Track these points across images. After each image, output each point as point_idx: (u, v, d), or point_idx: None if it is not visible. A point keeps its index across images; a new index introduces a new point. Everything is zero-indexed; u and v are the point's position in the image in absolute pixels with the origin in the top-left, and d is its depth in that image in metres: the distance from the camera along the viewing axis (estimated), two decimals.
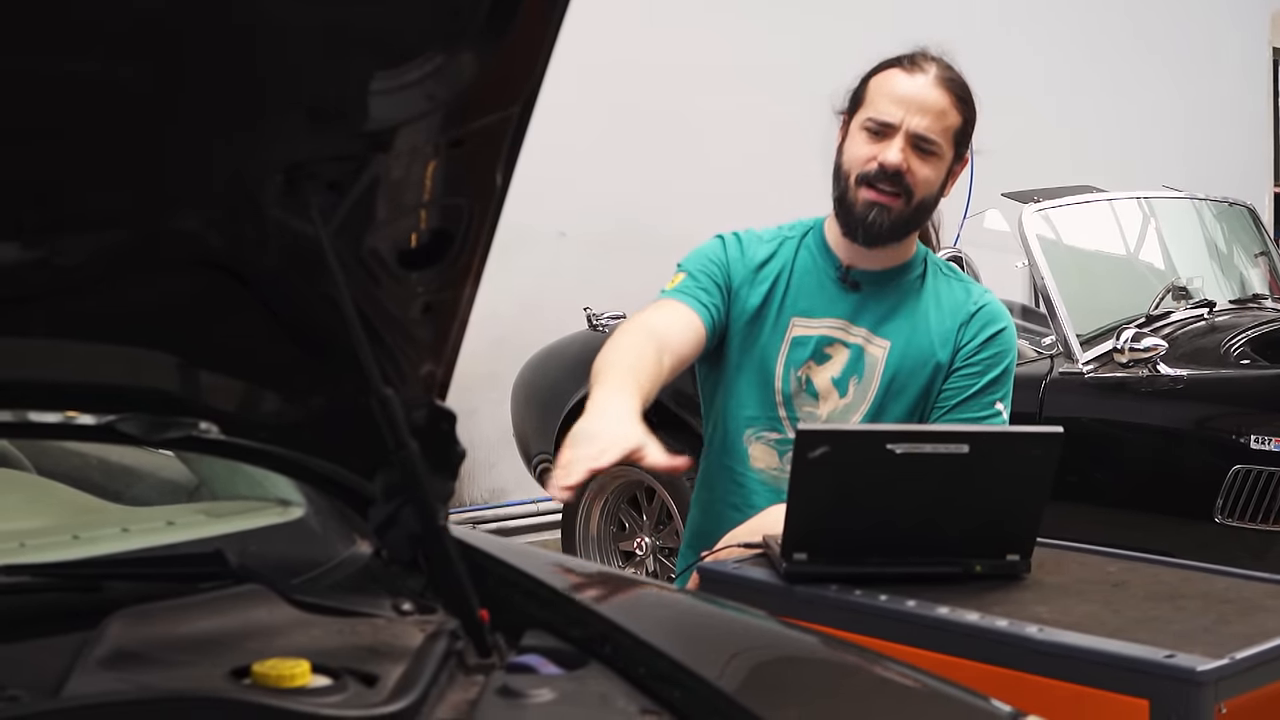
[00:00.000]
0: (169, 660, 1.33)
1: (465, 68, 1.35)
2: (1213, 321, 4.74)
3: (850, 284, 2.58)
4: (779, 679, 1.50)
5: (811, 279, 2.59)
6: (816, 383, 2.56)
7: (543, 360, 5.52)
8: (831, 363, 2.56)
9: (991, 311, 2.61)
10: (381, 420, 1.47)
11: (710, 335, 2.53)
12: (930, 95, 2.48)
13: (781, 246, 2.62)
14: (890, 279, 2.60)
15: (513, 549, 1.73)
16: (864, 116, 2.51)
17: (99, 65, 1.22)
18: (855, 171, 2.50)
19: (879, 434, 2.06)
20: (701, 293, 2.53)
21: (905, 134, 2.47)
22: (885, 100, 2.49)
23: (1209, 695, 1.67)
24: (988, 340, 2.57)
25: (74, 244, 1.36)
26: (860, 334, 2.57)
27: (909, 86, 2.49)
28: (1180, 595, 1.99)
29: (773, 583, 2.05)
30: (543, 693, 1.33)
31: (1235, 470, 4.04)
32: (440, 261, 1.49)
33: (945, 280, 2.64)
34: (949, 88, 2.50)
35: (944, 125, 2.49)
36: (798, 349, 2.56)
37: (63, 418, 1.57)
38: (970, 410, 2.54)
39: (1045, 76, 8.75)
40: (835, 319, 2.57)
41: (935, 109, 2.48)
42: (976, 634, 1.85)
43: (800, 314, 2.57)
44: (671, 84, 6.85)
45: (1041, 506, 2.04)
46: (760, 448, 2.58)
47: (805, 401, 2.56)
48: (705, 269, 2.57)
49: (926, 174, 2.50)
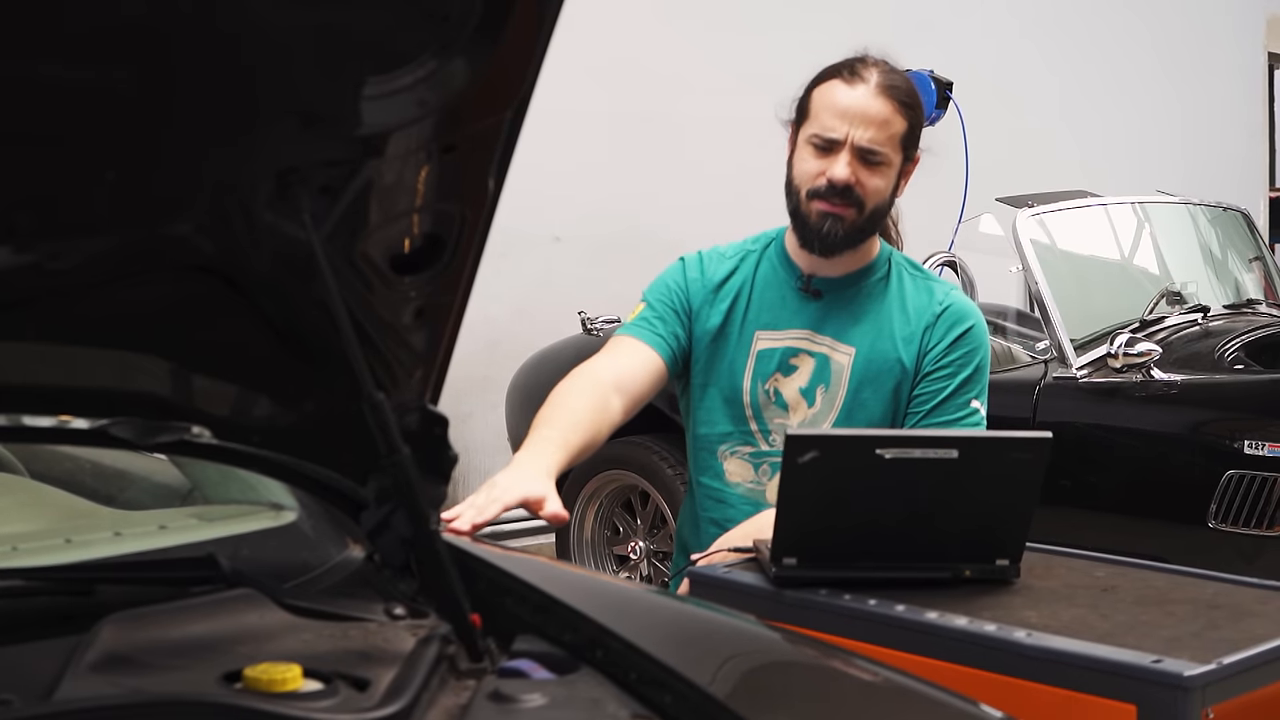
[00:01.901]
0: (161, 664, 1.34)
1: (457, 73, 1.35)
2: (1207, 327, 4.74)
3: (812, 293, 2.58)
4: (770, 684, 1.51)
5: (773, 291, 2.60)
6: (785, 394, 2.57)
7: (537, 365, 5.52)
8: (798, 373, 2.57)
9: (957, 311, 2.59)
10: (373, 425, 1.47)
11: (672, 365, 2.56)
12: (872, 106, 2.47)
13: (743, 261, 2.63)
14: (853, 283, 2.59)
15: (505, 554, 1.73)
16: (809, 131, 2.51)
17: (91, 71, 1.22)
18: (805, 187, 2.51)
19: (868, 439, 2.06)
20: (659, 323, 2.56)
21: (851, 147, 2.47)
22: (828, 114, 2.49)
23: (1196, 700, 1.68)
24: (956, 340, 2.56)
25: (66, 248, 1.36)
26: (825, 342, 2.57)
27: (850, 99, 2.48)
28: (1169, 600, 1.99)
29: (762, 587, 2.06)
30: (534, 697, 1.33)
31: (1229, 475, 4.05)
32: (432, 266, 1.49)
33: (911, 280, 2.62)
34: (891, 95, 2.49)
35: (889, 134, 2.49)
36: (763, 362, 2.57)
37: (56, 422, 1.57)
38: (946, 413, 2.54)
39: (1040, 81, 8.75)
40: (799, 329, 2.58)
41: (878, 119, 2.47)
42: (965, 639, 1.85)
43: (763, 327, 2.58)
44: (667, 90, 6.85)
45: (1031, 511, 2.04)
46: (736, 462, 2.59)
47: (775, 413, 2.56)
48: (664, 297, 2.60)
49: (876, 184, 2.50)
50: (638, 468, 5.13)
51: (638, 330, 2.56)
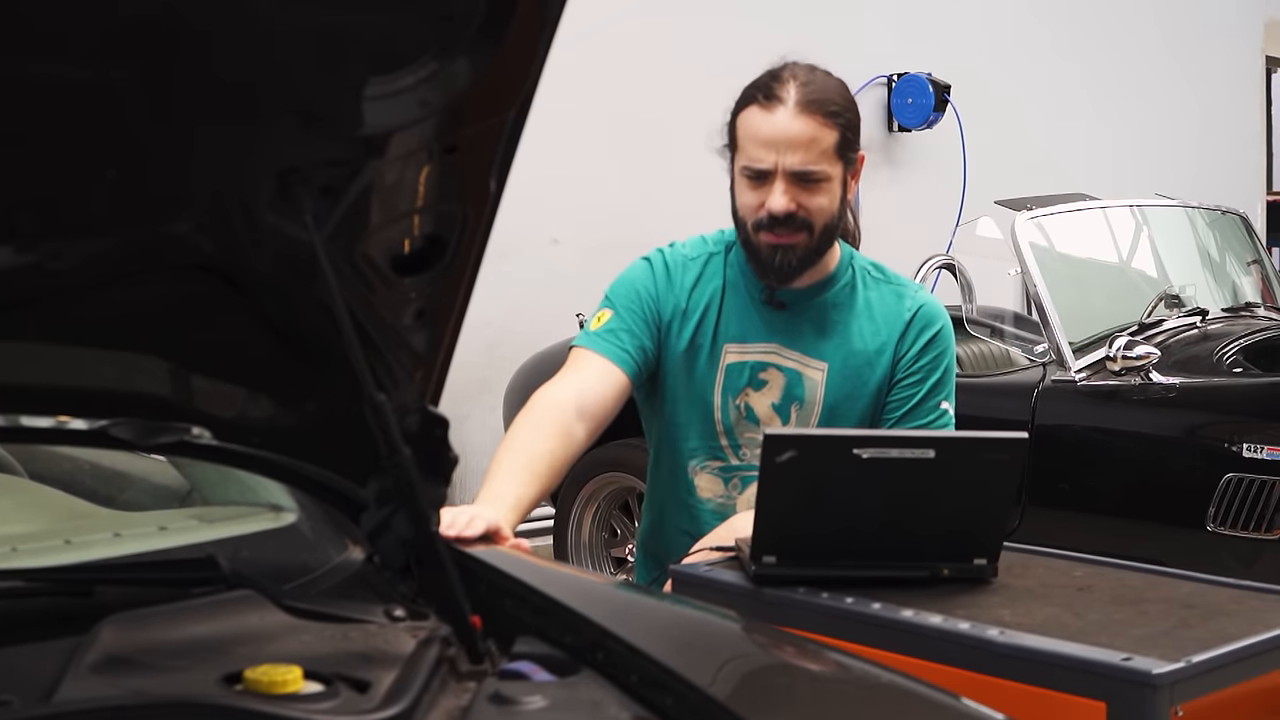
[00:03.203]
0: (161, 666, 1.33)
1: (459, 74, 1.35)
2: (1205, 330, 4.74)
3: (776, 304, 2.53)
4: (771, 686, 1.50)
5: (739, 303, 2.54)
6: (757, 409, 2.53)
7: (536, 366, 5.52)
8: (769, 388, 2.53)
9: (927, 314, 2.55)
10: (374, 426, 1.47)
11: (636, 379, 2.49)
12: (794, 128, 2.38)
13: (708, 265, 2.56)
14: (817, 294, 2.54)
15: (505, 555, 1.73)
16: (740, 163, 2.44)
17: (92, 69, 1.22)
18: (749, 220, 2.44)
19: (845, 439, 2.07)
20: (625, 335, 2.48)
21: (783, 175, 2.39)
22: (752, 145, 2.41)
23: (1164, 698, 1.69)
24: (926, 345, 2.53)
25: (67, 248, 1.36)
26: (794, 357, 2.52)
27: (772, 126, 2.39)
28: (1144, 599, 2.01)
29: (742, 585, 2.07)
30: (535, 699, 1.33)
31: (1227, 478, 4.05)
32: (433, 267, 1.49)
33: (876, 285, 2.57)
34: (813, 111, 2.38)
35: (819, 150, 2.39)
36: (733, 377, 2.52)
37: (55, 422, 1.57)
38: (918, 418, 2.52)
39: (1039, 85, 8.76)
40: (766, 343, 2.53)
41: (804, 140, 2.38)
42: (938, 636, 1.87)
43: (732, 340, 2.53)
44: (666, 91, 6.85)
45: (1007, 510, 2.06)
46: (706, 477, 2.56)
47: (747, 428, 2.53)
48: (632, 305, 2.51)
49: (820, 203, 2.42)
50: (635, 470, 5.13)
51: (601, 344, 2.47)
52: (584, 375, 2.44)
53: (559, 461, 2.31)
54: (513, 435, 2.34)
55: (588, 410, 2.39)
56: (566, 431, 2.34)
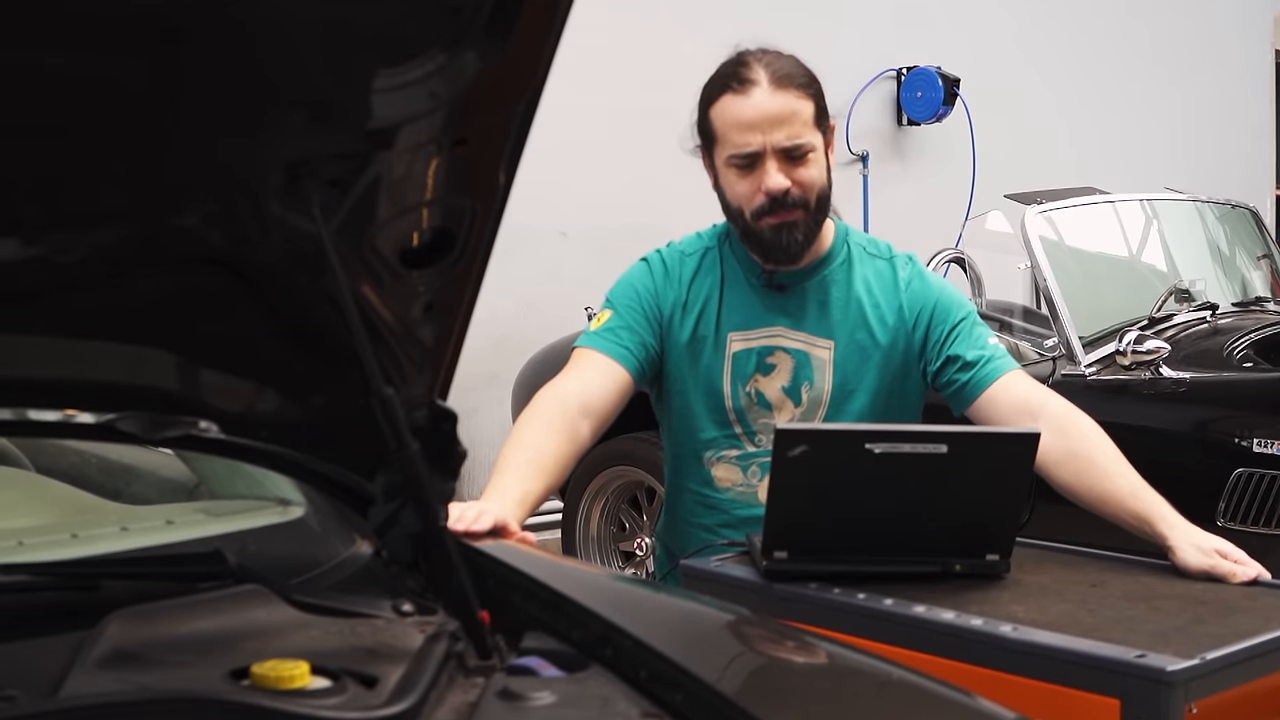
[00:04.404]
0: (167, 661, 1.33)
1: (468, 66, 1.34)
2: (1215, 324, 4.73)
3: (776, 287, 2.54)
4: (780, 682, 1.50)
5: (739, 290, 2.55)
6: (767, 394, 2.53)
7: (543, 360, 5.52)
8: (778, 371, 2.53)
9: (918, 294, 2.55)
10: (382, 420, 1.46)
11: (639, 377, 2.50)
12: (775, 105, 2.41)
13: (705, 259, 2.58)
14: (814, 273, 2.56)
15: (513, 550, 1.73)
16: (724, 154, 2.45)
17: (100, 61, 1.21)
18: (748, 209, 2.46)
19: (858, 433, 2.07)
20: (626, 333, 2.50)
21: (773, 153, 2.41)
22: (736, 132, 2.42)
23: (1179, 695, 1.69)
24: (947, 322, 2.54)
25: (74, 241, 1.36)
26: (800, 338, 2.53)
27: (751, 109, 2.41)
28: (1157, 596, 2.00)
29: (753, 580, 2.07)
30: (543, 695, 1.32)
31: (1238, 473, 4.03)
32: (442, 260, 1.48)
33: (870, 260, 2.59)
34: (786, 85, 2.42)
35: (801, 122, 2.42)
36: (740, 364, 2.53)
37: (62, 416, 1.57)
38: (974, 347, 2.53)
39: (1048, 79, 8.75)
40: (770, 327, 2.54)
41: (786, 115, 2.41)
42: (951, 632, 1.86)
43: (735, 328, 2.54)
44: (674, 84, 6.84)
45: (1020, 506, 2.05)
46: (724, 467, 2.56)
47: (759, 414, 2.53)
48: (632, 303, 2.53)
49: (811, 175, 2.45)
50: (643, 464, 5.13)
51: (603, 343, 2.49)
52: (587, 374, 2.46)
53: (565, 458, 2.33)
54: (518, 432, 2.35)
55: (591, 408, 2.40)
56: (572, 429, 2.35)
